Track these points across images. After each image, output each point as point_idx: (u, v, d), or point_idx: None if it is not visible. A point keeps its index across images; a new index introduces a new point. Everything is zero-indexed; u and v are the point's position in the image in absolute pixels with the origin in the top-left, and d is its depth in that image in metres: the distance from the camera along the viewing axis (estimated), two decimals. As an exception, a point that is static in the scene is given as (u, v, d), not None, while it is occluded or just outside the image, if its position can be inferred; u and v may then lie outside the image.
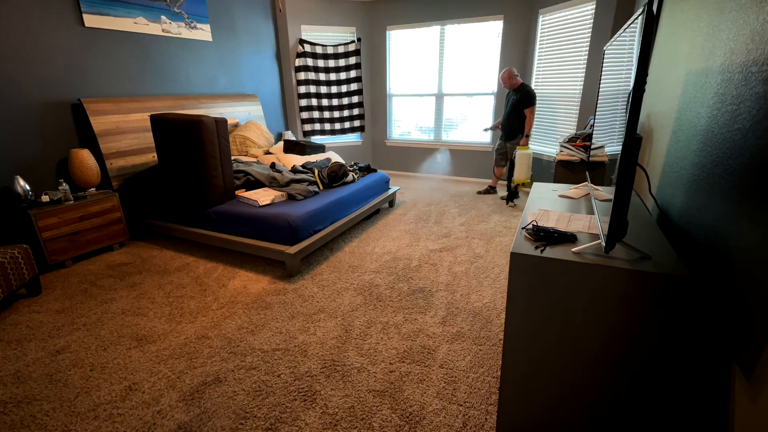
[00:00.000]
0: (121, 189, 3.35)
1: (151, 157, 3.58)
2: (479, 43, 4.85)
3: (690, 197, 1.31)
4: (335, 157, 4.38)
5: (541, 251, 1.16)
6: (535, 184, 1.92)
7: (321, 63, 5.20)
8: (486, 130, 4.65)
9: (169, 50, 3.78)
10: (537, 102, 4.14)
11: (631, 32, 1.17)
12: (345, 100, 5.49)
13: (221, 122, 2.96)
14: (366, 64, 5.52)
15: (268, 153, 4.31)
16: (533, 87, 4.55)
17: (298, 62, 5.06)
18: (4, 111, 2.74)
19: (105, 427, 1.50)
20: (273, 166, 3.71)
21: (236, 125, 4.45)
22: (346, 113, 5.55)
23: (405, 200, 4.51)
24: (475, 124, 5.22)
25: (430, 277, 2.64)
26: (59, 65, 3.00)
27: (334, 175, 3.47)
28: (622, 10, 3.40)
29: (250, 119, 4.66)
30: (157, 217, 3.40)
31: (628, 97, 0.97)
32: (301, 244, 2.69)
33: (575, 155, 2.86)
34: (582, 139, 2.99)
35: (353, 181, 3.61)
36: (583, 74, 3.79)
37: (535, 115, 4.64)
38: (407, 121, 5.71)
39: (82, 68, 3.14)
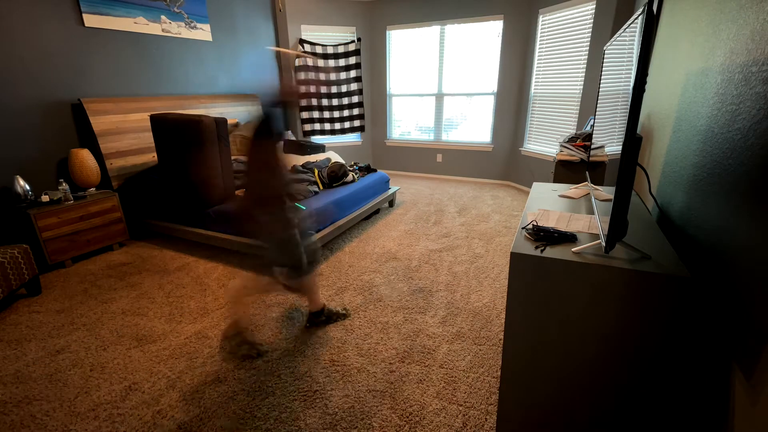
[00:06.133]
0: (121, 189, 3.35)
1: (151, 157, 3.58)
2: (479, 43, 4.84)
3: (690, 197, 1.31)
4: (335, 157, 4.38)
5: (541, 251, 1.16)
6: (535, 183, 1.92)
7: (321, 63, 5.20)
8: None
9: (169, 50, 3.77)
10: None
11: (631, 32, 1.17)
12: (345, 100, 5.48)
13: (221, 122, 2.96)
14: (366, 64, 5.52)
15: (268, 153, 4.31)
16: (533, 87, 4.55)
17: (298, 62, 5.06)
18: (4, 111, 2.74)
19: (105, 427, 1.50)
20: (273, 166, 3.71)
21: (236, 125, 4.45)
22: (346, 113, 5.55)
23: (405, 200, 4.51)
24: (475, 124, 5.22)
25: (430, 277, 2.64)
26: (59, 65, 3.00)
27: (334, 175, 3.47)
28: (622, 10, 3.39)
29: (250, 119, 4.66)
30: (157, 217, 3.40)
31: (629, 97, 0.97)
32: (301, 244, 2.68)
33: (575, 155, 2.86)
34: (582, 139, 2.99)
35: (353, 181, 3.61)
36: (583, 74, 3.79)
37: (531, 117, 4.63)
38: (407, 121, 5.70)
39: (82, 68, 3.14)
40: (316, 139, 5.61)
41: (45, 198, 2.79)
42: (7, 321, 2.22)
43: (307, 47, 5.03)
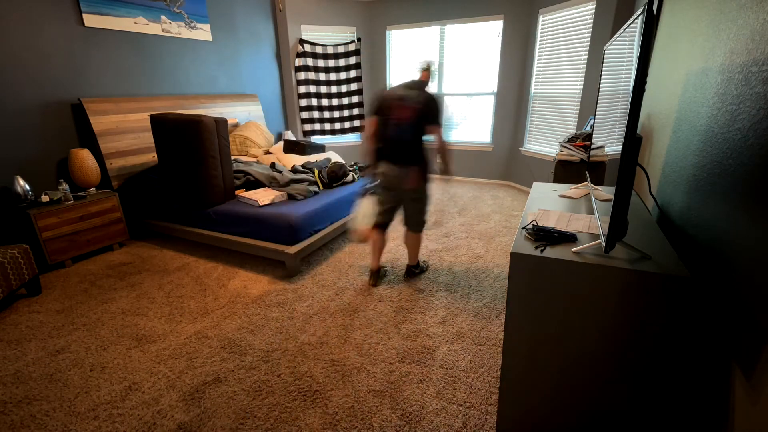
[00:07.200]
0: (121, 189, 3.35)
1: (151, 157, 3.58)
2: (479, 43, 4.84)
3: (690, 197, 1.31)
4: (335, 157, 4.38)
5: (541, 251, 1.16)
6: (535, 183, 1.93)
7: (321, 63, 5.20)
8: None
9: (169, 50, 3.77)
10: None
11: (631, 32, 1.17)
12: (345, 100, 5.49)
13: (221, 122, 2.96)
14: (366, 64, 5.52)
15: (268, 153, 4.31)
16: (533, 87, 4.54)
17: (298, 62, 5.06)
18: (4, 111, 2.74)
19: (105, 427, 1.50)
20: (273, 166, 3.71)
21: (236, 125, 4.45)
22: (346, 113, 5.55)
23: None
24: (475, 124, 5.22)
25: (430, 277, 2.64)
26: (59, 65, 3.00)
27: (334, 175, 3.47)
28: (622, 10, 3.40)
29: (250, 119, 4.66)
30: (157, 217, 3.40)
31: (629, 97, 0.97)
32: (301, 244, 2.69)
33: (575, 155, 2.86)
34: (582, 139, 2.99)
35: (353, 181, 3.61)
36: (583, 74, 3.79)
37: (531, 117, 4.63)
38: (407, 121, 5.69)
39: (82, 68, 3.14)
40: (316, 139, 5.61)
41: (45, 198, 2.80)
42: (7, 321, 2.22)
43: (307, 47, 5.03)
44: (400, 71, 5.45)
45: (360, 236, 2.53)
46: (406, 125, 2.21)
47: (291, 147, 4.22)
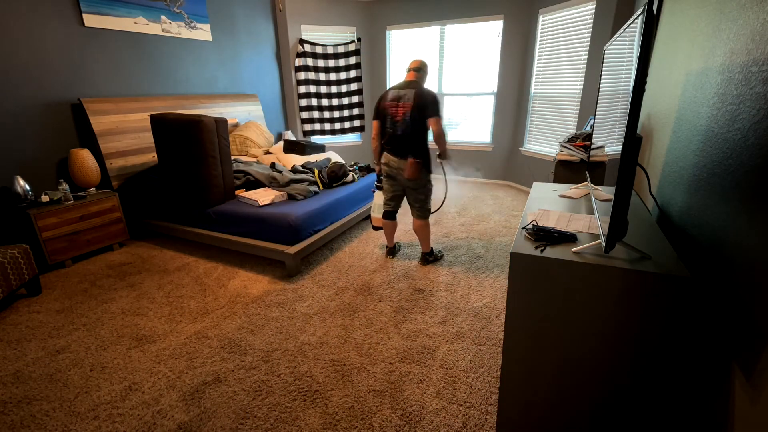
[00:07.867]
0: (121, 189, 3.35)
1: (151, 157, 3.58)
2: (479, 43, 4.84)
3: (690, 197, 1.31)
4: (335, 157, 4.38)
5: (541, 251, 1.16)
6: (535, 183, 1.93)
7: (321, 63, 5.20)
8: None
9: (169, 50, 3.77)
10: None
11: (631, 32, 1.17)
12: (345, 100, 5.49)
13: (221, 122, 2.96)
14: (366, 64, 5.52)
15: (268, 153, 4.31)
16: (533, 87, 4.55)
17: (298, 62, 5.06)
18: (4, 111, 2.74)
19: (105, 427, 1.50)
20: (273, 166, 3.71)
21: (236, 125, 4.45)
22: (346, 113, 5.55)
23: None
24: (475, 124, 5.22)
25: (430, 277, 2.64)
26: (59, 65, 3.00)
27: (334, 175, 3.47)
28: (622, 10, 3.39)
29: (250, 119, 4.66)
30: (157, 217, 3.40)
31: (629, 97, 0.97)
32: (301, 244, 2.69)
33: (575, 155, 2.86)
34: (582, 139, 2.99)
35: (353, 181, 3.61)
36: (583, 74, 3.79)
37: (531, 117, 4.63)
38: (407, 121, 5.69)
39: (82, 68, 3.14)
40: (316, 139, 5.61)
41: (45, 198, 2.79)
42: (7, 321, 2.22)
43: (307, 47, 5.03)
44: (400, 71, 5.46)
45: (375, 224, 2.91)
46: (401, 122, 2.48)
47: (291, 147, 4.22)
